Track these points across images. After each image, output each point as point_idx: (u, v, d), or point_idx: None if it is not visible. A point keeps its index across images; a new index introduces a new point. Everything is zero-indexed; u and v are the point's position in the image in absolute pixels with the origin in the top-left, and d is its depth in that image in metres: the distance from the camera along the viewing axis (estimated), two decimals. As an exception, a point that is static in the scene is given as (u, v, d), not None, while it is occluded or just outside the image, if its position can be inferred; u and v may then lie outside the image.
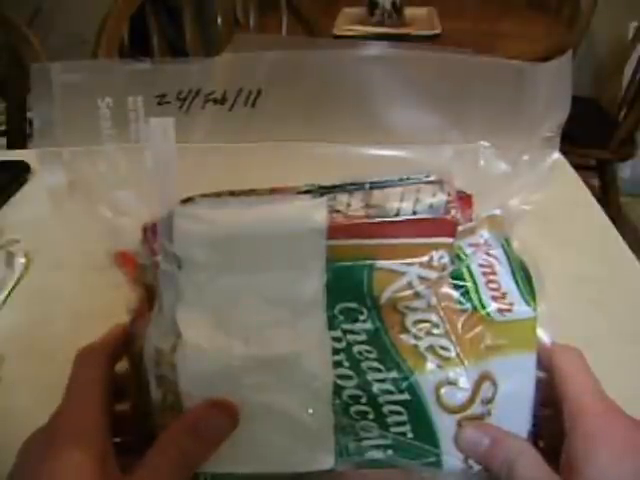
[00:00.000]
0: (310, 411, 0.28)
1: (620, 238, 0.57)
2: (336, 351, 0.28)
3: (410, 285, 0.28)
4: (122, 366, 0.31)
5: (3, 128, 1.16)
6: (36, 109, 0.28)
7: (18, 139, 1.13)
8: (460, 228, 0.30)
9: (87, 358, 0.30)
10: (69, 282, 0.52)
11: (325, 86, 0.30)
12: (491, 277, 0.30)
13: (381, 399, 0.28)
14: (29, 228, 0.58)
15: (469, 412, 0.28)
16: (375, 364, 0.28)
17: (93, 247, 0.30)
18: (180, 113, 0.29)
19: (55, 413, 0.28)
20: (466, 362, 0.28)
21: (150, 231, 0.30)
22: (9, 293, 0.51)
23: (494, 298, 0.29)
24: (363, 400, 0.28)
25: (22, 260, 0.54)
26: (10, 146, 1.13)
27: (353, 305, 0.28)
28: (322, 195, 0.30)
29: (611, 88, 1.95)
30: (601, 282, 0.52)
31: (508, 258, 0.31)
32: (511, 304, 0.29)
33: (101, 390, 0.28)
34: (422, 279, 0.28)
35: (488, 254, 0.31)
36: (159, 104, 0.28)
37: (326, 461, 0.29)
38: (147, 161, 0.29)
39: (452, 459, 0.29)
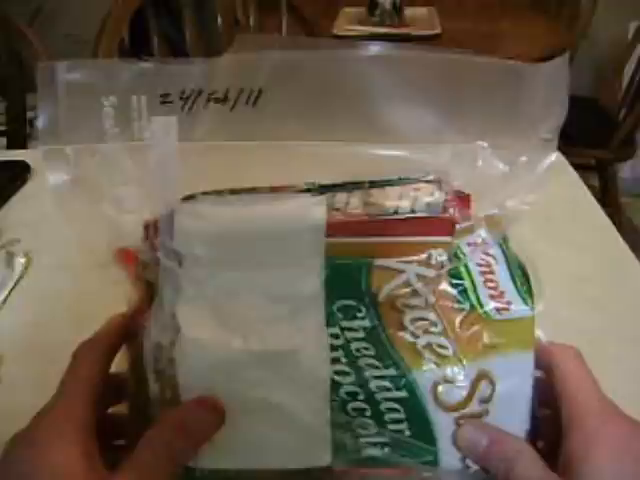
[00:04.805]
0: (307, 407, 0.28)
1: (620, 238, 0.57)
2: (334, 348, 0.28)
3: (408, 283, 0.29)
4: (122, 366, 0.31)
5: (3, 128, 1.16)
6: (41, 108, 0.28)
7: (18, 139, 1.14)
8: (458, 227, 0.30)
9: (83, 354, 0.30)
10: (70, 281, 0.52)
11: (325, 86, 0.30)
12: (489, 276, 0.30)
13: (378, 396, 0.28)
14: (29, 228, 0.58)
15: (466, 411, 0.28)
16: (373, 361, 0.28)
17: (95, 245, 0.30)
18: (183, 112, 0.29)
19: (40, 411, 0.28)
20: (464, 360, 0.28)
21: (152, 228, 0.30)
22: (9, 293, 0.51)
23: (492, 297, 0.29)
24: (360, 397, 0.28)
25: (22, 260, 0.54)
26: (10, 146, 1.13)
27: (351, 302, 0.28)
28: (322, 194, 0.30)
29: (611, 88, 1.95)
30: (601, 282, 0.52)
31: (506, 257, 0.31)
32: (509, 303, 0.29)
33: (91, 388, 0.28)
34: (420, 277, 0.29)
35: (486, 253, 0.31)
36: (162, 103, 0.29)
37: (323, 458, 0.29)
38: (149, 159, 0.29)
39: (449, 458, 0.29)
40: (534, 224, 0.33)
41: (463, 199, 0.31)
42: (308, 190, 0.31)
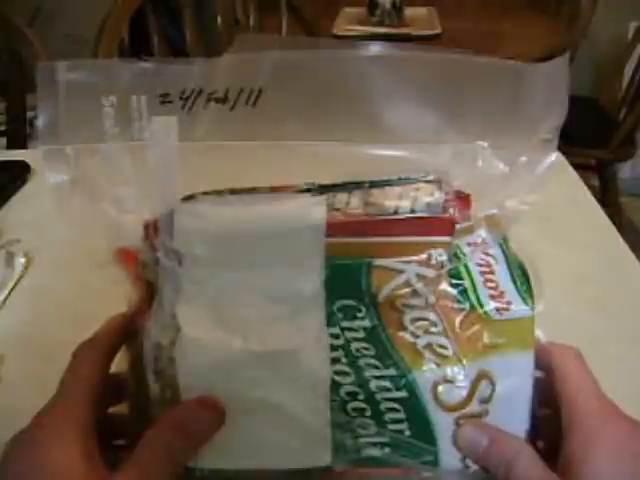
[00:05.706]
0: (307, 407, 0.28)
1: (620, 238, 0.57)
2: (334, 348, 0.28)
3: (408, 283, 0.29)
4: (122, 366, 0.31)
5: (3, 128, 1.16)
6: (41, 108, 0.28)
7: (18, 139, 1.14)
8: (458, 227, 0.30)
9: (83, 354, 0.30)
10: (69, 281, 0.52)
11: (325, 86, 0.30)
12: (489, 276, 0.30)
13: (378, 396, 0.28)
14: (29, 228, 0.59)
15: (466, 410, 0.28)
16: (373, 361, 0.28)
17: (94, 245, 0.30)
18: (183, 112, 0.29)
19: (40, 411, 0.28)
20: (464, 360, 0.28)
21: (152, 228, 0.30)
22: (9, 293, 0.51)
23: (492, 297, 0.29)
24: (360, 397, 0.28)
25: (22, 260, 0.54)
26: (10, 146, 1.13)
27: (351, 302, 0.28)
28: (322, 193, 0.30)
29: (611, 88, 1.95)
30: (601, 282, 0.52)
31: (506, 257, 0.31)
32: (509, 303, 0.29)
33: (91, 388, 0.29)
34: (420, 277, 0.29)
35: (486, 253, 0.31)
36: (162, 103, 0.29)
37: (323, 458, 0.29)
38: (149, 159, 0.29)
39: (449, 458, 0.29)
40: (534, 224, 0.33)
41: (463, 199, 0.31)
42: (308, 190, 0.31)
